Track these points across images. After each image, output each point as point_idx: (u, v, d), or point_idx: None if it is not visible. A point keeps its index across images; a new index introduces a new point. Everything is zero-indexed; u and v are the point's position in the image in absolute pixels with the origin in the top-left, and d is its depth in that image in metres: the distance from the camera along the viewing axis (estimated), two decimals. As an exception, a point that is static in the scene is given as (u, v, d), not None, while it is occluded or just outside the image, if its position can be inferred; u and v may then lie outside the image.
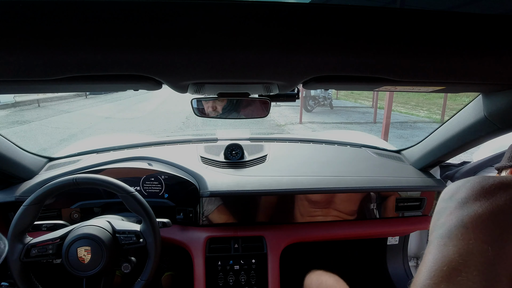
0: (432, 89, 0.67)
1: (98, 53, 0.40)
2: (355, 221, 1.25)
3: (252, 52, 0.41)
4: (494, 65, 0.47)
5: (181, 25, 0.36)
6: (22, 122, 7.85)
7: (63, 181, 0.91)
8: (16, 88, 0.61)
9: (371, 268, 1.71)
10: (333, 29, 0.38)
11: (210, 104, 0.86)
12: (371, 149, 1.47)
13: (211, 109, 0.87)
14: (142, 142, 1.44)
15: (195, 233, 1.15)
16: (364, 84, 0.59)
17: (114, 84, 0.55)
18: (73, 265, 0.87)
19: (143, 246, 0.93)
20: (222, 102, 0.85)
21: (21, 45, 0.37)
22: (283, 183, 1.16)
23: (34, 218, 0.90)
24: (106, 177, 0.94)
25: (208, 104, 0.86)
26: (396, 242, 1.58)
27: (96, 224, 0.91)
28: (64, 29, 0.35)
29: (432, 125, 8.12)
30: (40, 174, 1.21)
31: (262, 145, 1.43)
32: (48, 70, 0.45)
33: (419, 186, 1.24)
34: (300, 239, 1.19)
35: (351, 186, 1.18)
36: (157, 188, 1.16)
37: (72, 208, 1.15)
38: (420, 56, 0.43)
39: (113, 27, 0.36)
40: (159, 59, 0.43)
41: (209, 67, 0.46)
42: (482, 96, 0.81)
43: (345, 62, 0.46)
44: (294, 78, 0.54)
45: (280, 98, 0.83)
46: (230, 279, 1.11)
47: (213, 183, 1.15)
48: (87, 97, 13.84)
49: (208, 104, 0.86)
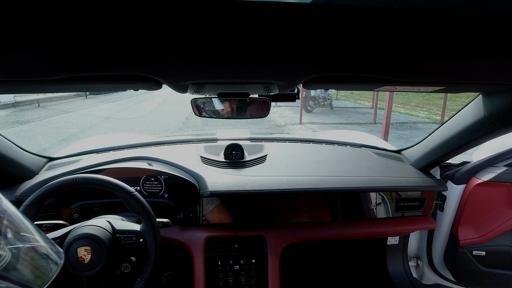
0: (432, 89, 0.67)
1: (98, 53, 0.40)
2: (355, 221, 1.25)
3: (252, 52, 0.41)
4: (494, 65, 0.47)
5: (181, 25, 0.36)
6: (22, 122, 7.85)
7: (63, 181, 0.91)
8: (16, 88, 0.61)
9: (371, 268, 1.71)
10: (333, 29, 0.38)
11: (210, 104, 0.86)
12: (371, 149, 1.47)
13: (211, 109, 0.87)
14: (142, 142, 1.44)
15: (195, 233, 1.15)
16: (364, 84, 0.59)
17: (114, 84, 0.55)
18: (73, 265, 0.87)
19: (143, 246, 0.93)
20: (222, 102, 0.85)
21: (21, 45, 0.37)
22: (283, 183, 1.16)
23: (34, 218, 0.90)
24: (106, 177, 0.94)
25: (208, 104, 0.86)
26: (396, 242, 1.58)
27: (96, 224, 0.91)
28: (64, 29, 0.35)
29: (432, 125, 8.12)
30: (40, 174, 1.21)
31: (262, 145, 1.43)
32: (48, 70, 0.45)
33: (419, 186, 1.24)
34: (300, 239, 1.19)
35: (351, 186, 1.18)
36: (157, 188, 1.16)
37: (72, 208, 1.15)
38: (420, 56, 0.43)
39: (113, 27, 0.36)
40: (159, 59, 0.43)
41: (209, 67, 0.46)
42: (482, 96, 0.81)
43: (345, 62, 0.45)
44: (294, 78, 0.54)
45: (280, 98, 0.83)
46: (230, 279, 1.10)
47: (213, 183, 1.15)
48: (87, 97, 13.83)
49: (208, 104, 0.86)
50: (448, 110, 9.40)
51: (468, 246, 1.29)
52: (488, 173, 1.27)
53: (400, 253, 1.60)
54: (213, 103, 0.85)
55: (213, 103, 0.85)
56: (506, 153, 1.28)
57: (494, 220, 1.27)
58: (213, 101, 0.84)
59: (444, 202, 1.33)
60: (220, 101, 0.84)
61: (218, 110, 0.86)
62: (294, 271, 1.75)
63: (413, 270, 1.61)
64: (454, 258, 1.32)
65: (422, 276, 1.58)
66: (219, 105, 0.85)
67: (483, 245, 1.28)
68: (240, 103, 0.85)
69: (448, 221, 1.34)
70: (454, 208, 1.32)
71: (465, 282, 1.37)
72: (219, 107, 0.86)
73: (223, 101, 0.84)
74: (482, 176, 1.27)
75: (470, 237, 1.29)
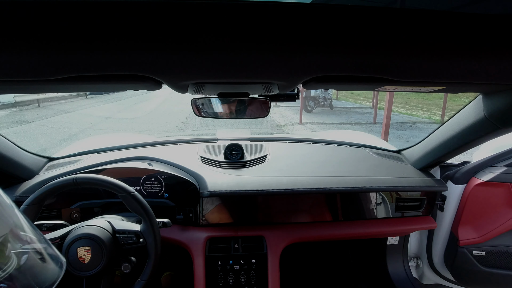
0: (432, 89, 0.67)
1: (98, 53, 0.40)
2: (355, 221, 1.25)
3: (252, 52, 0.41)
4: (494, 65, 0.47)
5: (181, 25, 0.36)
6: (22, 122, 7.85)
7: (63, 181, 0.91)
8: (16, 88, 0.61)
9: (371, 268, 1.71)
10: (333, 29, 0.38)
11: (210, 104, 0.86)
12: (371, 149, 1.47)
13: (211, 109, 0.87)
14: (142, 142, 1.44)
15: (195, 233, 1.15)
16: (364, 84, 0.59)
17: (114, 84, 0.55)
18: (73, 265, 0.87)
19: (143, 246, 0.93)
20: (222, 102, 0.85)
21: (21, 45, 0.37)
22: (283, 183, 1.16)
23: (34, 218, 0.90)
24: (106, 177, 0.94)
25: (208, 104, 0.86)
26: (396, 242, 1.58)
27: (96, 224, 0.91)
28: (64, 29, 0.35)
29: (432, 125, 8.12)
30: (40, 174, 1.21)
31: (262, 145, 1.43)
32: (48, 70, 0.45)
33: (419, 186, 1.24)
34: (300, 239, 1.19)
35: (351, 186, 1.18)
36: (157, 188, 1.16)
37: (72, 208, 1.15)
38: (420, 56, 0.43)
39: (113, 27, 0.36)
40: (159, 59, 0.43)
41: (209, 67, 0.46)
42: (482, 96, 0.81)
43: (345, 62, 0.45)
44: (294, 78, 0.54)
45: (280, 98, 0.83)
46: (230, 279, 1.10)
47: (213, 183, 1.15)
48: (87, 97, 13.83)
49: (208, 104, 0.86)
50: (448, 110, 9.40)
51: (468, 246, 1.29)
52: (488, 173, 1.27)
53: (400, 253, 1.59)
54: (213, 103, 0.85)
55: (213, 103, 0.85)
56: (506, 153, 1.28)
57: (494, 220, 1.27)
58: (213, 101, 0.84)
59: (444, 202, 1.33)
60: (220, 101, 0.84)
61: (218, 110, 0.86)
62: (294, 271, 1.75)
63: (413, 270, 1.61)
64: (454, 258, 1.32)
65: (422, 276, 1.58)
66: (219, 105, 0.85)
67: (483, 245, 1.28)
68: (240, 103, 0.85)
69: (448, 221, 1.34)
70: (454, 208, 1.32)
71: (465, 282, 1.37)
72: (219, 107, 0.86)
73: (223, 101, 0.84)
74: (482, 176, 1.27)
75: (470, 237, 1.29)
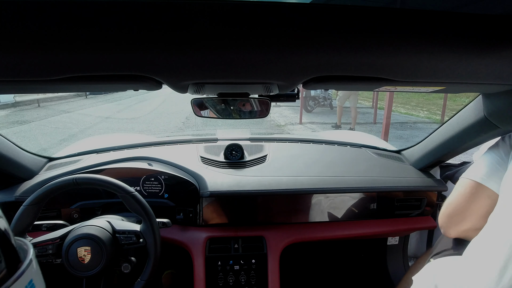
0: (432, 89, 0.67)
1: (98, 53, 0.40)
2: (355, 221, 1.25)
3: (252, 52, 0.41)
4: (494, 65, 0.47)
5: (181, 25, 0.36)
6: (22, 122, 7.84)
7: (63, 181, 0.91)
8: (16, 88, 0.61)
9: (371, 268, 1.71)
10: (333, 29, 0.38)
11: (210, 105, 0.86)
12: (371, 149, 1.47)
13: (211, 110, 0.87)
14: (142, 142, 1.44)
15: (195, 233, 1.15)
16: (364, 84, 0.58)
17: (114, 84, 0.55)
18: (73, 265, 0.87)
19: (143, 246, 0.93)
20: (222, 103, 0.85)
21: (21, 45, 0.37)
22: (283, 183, 1.16)
23: (34, 218, 0.90)
24: (106, 177, 0.94)
25: (208, 105, 0.86)
26: (396, 242, 1.58)
27: (96, 224, 0.91)
28: (64, 29, 0.35)
29: (432, 125, 8.11)
30: (40, 174, 1.21)
31: (262, 145, 1.43)
32: (48, 70, 0.45)
33: (419, 186, 1.24)
34: (300, 239, 1.19)
35: (351, 186, 1.18)
36: (157, 188, 1.16)
37: (72, 208, 1.15)
38: (420, 56, 0.43)
39: (113, 27, 0.36)
40: (159, 59, 0.43)
41: (209, 67, 0.46)
42: (482, 96, 0.81)
43: (345, 62, 0.45)
44: (294, 78, 0.54)
45: (280, 98, 0.83)
46: (230, 279, 1.10)
47: (213, 183, 1.15)
48: (87, 97, 13.82)
49: (208, 105, 0.86)
50: (448, 110, 9.39)
51: None
52: None
53: (400, 253, 1.59)
54: (213, 103, 0.85)
55: (213, 103, 0.85)
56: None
57: None
58: (213, 101, 0.84)
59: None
60: (220, 101, 0.84)
61: (218, 110, 0.86)
62: (294, 271, 1.75)
63: None
64: None
65: None
66: (219, 105, 0.85)
67: None
68: (240, 104, 0.85)
69: None
70: None
71: None
72: (219, 107, 0.86)
73: (223, 102, 0.84)
74: None
75: None
